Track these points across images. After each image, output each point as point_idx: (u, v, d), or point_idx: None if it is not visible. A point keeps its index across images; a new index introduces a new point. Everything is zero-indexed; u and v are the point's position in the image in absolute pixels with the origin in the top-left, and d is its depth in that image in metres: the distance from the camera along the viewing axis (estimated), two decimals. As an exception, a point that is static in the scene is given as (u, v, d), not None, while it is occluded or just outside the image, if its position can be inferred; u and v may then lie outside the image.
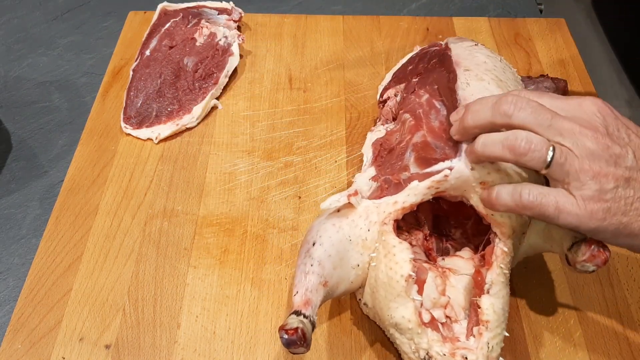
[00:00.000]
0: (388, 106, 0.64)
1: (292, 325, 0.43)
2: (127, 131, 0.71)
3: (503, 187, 0.46)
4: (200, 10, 0.82)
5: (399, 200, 0.50)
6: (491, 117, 0.46)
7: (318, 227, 0.51)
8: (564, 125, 0.44)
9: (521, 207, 0.45)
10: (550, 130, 0.44)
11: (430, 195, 0.50)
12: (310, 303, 0.46)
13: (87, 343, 0.54)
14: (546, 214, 0.44)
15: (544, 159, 0.43)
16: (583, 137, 0.44)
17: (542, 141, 0.44)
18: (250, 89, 0.77)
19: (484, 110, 0.46)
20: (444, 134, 0.53)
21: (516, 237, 0.50)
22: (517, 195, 0.45)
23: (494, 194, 0.46)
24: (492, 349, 0.46)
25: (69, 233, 0.62)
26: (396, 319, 0.47)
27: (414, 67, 0.65)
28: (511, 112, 0.45)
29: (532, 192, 0.44)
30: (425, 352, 0.46)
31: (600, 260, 0.44)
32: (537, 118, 0.44)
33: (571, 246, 0.47)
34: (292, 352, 0.44)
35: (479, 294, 0.48)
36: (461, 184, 0.49)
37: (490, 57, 0.60)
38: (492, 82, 0.55)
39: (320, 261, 0.48)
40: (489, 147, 0.45)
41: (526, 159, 0.44)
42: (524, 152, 0.44)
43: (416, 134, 0.54)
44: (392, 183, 0.52)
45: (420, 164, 0.51)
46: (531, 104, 0.45)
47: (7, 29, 0.88)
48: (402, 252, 0.48)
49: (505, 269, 0.48)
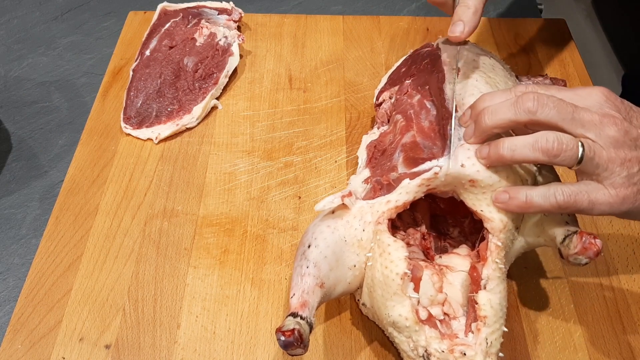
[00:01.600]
0: (383, 109, 0.64)
1: (289, 327, 0.43)
2: (127, 131, 0.71)
3: (532, 190, 0.47)
4: (200, 10, 0.82)
5: (391, 199, 0.50)
6: (514, 115, 0.46)
7: (313, 230, 0.51)
8: (585, 117, 0.45)
9: (557, 208, 0.46)
10: (573, 123, 0.45)
11: (422, 192, 0.51)
12: (307, 305, 0.46)
13: (87, 343, 0.54)
14: (580, 208, 0.46)
15: (576, 157, 0.45)
16: (604, 127, 0.45)
17: (571, 140, 0.45)
18: (250, 89, 0.77)
19: (504, 110, 0.47)
20: (433, 133, 0.53)
21: (509, 231, 0.50)
22: (552, 198, 0.46)
23: (523, 198, 0.47)
24: (490, 344, 0.46)
25: (69, 233, 0.62)
26: (393, 317, 0.47)
27: (407, 69, 0.66)
28: (535, 108, 0.45)
29: (565, 191, 0.46)
30: (424, 350, 0.46)
31: (592, 252, 0.45)
32: (560, 113, 0.45)
33: (563, 239, 0.47)
34: (290, 353, 0.44)
35: (476, 290, 0.48)
36: (451, 180, 0.49)
37: (479, 55, 0.60)
38: (480, 79, 0.56)
39: (316, 263, 0.48)
40: (518, 152, 0.46)
41: (559, 160, 0.45)
42: (557, 153, 0.45)
43: (406, 135, 0.55)
44: (383, 184, 0.52)
45: (408, 164, 0.52)
46: (552, 100, 0.46)
47: (7, 29, 0.88)
48: (397, 251, 0.48)
49: (501, 263, 0.48)
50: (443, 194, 0.52)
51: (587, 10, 0.93)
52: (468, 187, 0.49)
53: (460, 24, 0.55)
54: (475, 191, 0.49)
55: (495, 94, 0.49)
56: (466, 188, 0.50)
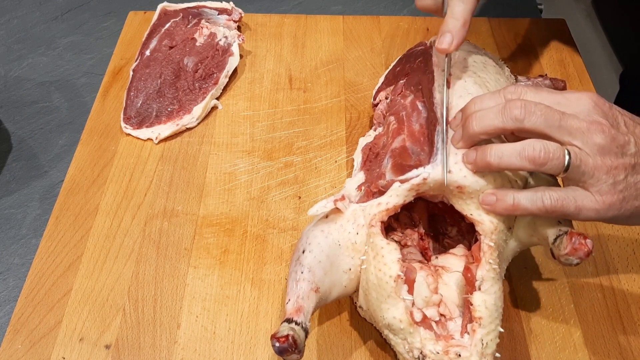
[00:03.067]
0: (379, 109, 0.64)
1: (283, 333, 0.44)
2: (127, 131, 0.71)
3: (520, 193, 0.47)
4: (200, 10, 0.82)
5: (382, 202, 0.51)
6: (501, 123, 0.46)
7: (307, 235, 0.51)
8: (572, 124, 0.45)
9: (544, 212, 0.46)
10: (560, 130, 0.45)
11: (412, 196, 0.51)
12: (302, 310, 0.46)
13: (87, 343, 0.54)
14: (567, 213, 0.46)
15: (562, 165, 0.45)
16: (591, 134, 0.45)
17: (558, 148, 0.45)
18: (250, 89, 0.77)
19: (491, 117, 0.47)
20: (422, 137, 0.54)
21: (501, 232, 0.50)
22: (539, 202, 0.46)
23: (510, 201, 0.47)
24: (486, 345, 0.46)
25: (69, 233, 0.62)
26: (388, 319, 0.47)
27: (401, 68, 0.66)
28: (522, 116, 0.46)
29: (552, 196, 0.46)
30: (419, 351, 0.46)
31: (583, 253, 0.45)
32: (547, 120, 0.45)
33: (555, 240, 0.47)
34: (286, 359, 0.45)
35: (471, 291, 0.48)
36: (439, 186, 0.50)
37: (471, 53, 0.60)
38: (469, 80, 0.56)
39: (310, 268, 0.49)
40: (505, 159, 0.46)
41: (546, 168, 0.45)
42: (543, 162, 0.45)
43: (396, 139, 0.55)
44: (371, 192, 0.52)
45: (396, 171, 0.52)
46: (539, 107, 0.46)
47: (7, 29, 0.88)
48: (390, 253, 0.48)
49: (495, 264, 0.48)
50: (433, 197, 0.52)
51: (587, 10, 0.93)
52: (456, 193, 0.50)
53: (449, 35, 0.54)
54: (463, 197, 0.50)
55: (484, 97, 0.49)
56: (454, 194, 0.50)
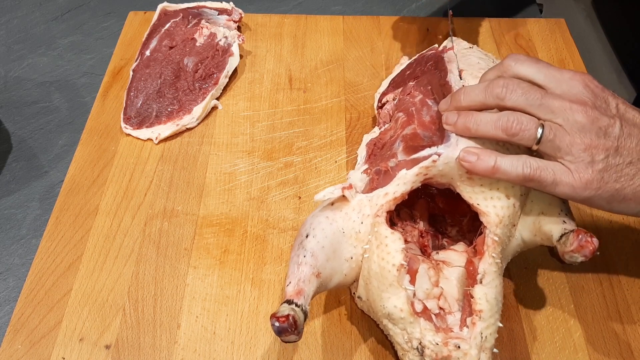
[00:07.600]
0: (386, 109, 0.65)
1: (283, 313, 0.43)
2: (127, 131, 0.71)
3: (503, 157, 0.48)
4: (200, 11, 0.82)
5: (389, 191, 0.51)
6: (484, 99, 0.49)
7: (311, 220, 0.51)
8: (554, 104, 0.47)
9: (521, 179, 0.47)
10: (541, 109, 0.47)
11: (419, 182, 0.51)
12: (303, 293, 0.46)
13: (87, 343, 0.54)
14: (544, 184, 0.47)
15: (534, 137, 0.47)
16: (573, 112, 0.47)
17: (531, 121, 0.47)
18: (250, 89, 0.77)
19: (476, 92, 0.50)
20: (434, 126, 0.54)
21: (505, 226, 0.50)
22: (519, 168, 0.47)
23: (492, 162, 0.47)
24: (485, 339, 0.46)
25: (69, 233, 0.62)
26: (389, 308, 0.47)
27: (411, 72, 0.66)
28: (503, 95, 0.48)
29: (532, 165, 0.47)
30: (418, 342, 0.46)
31: (588, 251, 0.45)
32: (528, 99, 0.47)
33: (560, 237, 0.48)
34: (284, 340, 0.44)
35: (472, 284, 0.48)
36: (449, 170, 0.50)
37: (483, 59, 0.61)
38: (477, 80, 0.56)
39: (313, 252, 0.49)
40: (482, 126, 0.48)
41: (517, 138, 0.47)
42: (515, 133, 0.47)
43: (407, 128, 0.55)
44: (381, 172, 0.52)
45: (408, 151, 0.53)
46: (521, 86, 0.48)
47: (7, 29, 0.88)
48: (394, 242, 0.48)
49: (497, 258, 0.48)
50: (440, 185, 0.52)
51: (587, 10, 0.93)
52: (465, 179, 0.50)
53: None
54: (471, 183, 0.50)
55: (488, 71, 0.52)
56: (462, 180, 0.50)
